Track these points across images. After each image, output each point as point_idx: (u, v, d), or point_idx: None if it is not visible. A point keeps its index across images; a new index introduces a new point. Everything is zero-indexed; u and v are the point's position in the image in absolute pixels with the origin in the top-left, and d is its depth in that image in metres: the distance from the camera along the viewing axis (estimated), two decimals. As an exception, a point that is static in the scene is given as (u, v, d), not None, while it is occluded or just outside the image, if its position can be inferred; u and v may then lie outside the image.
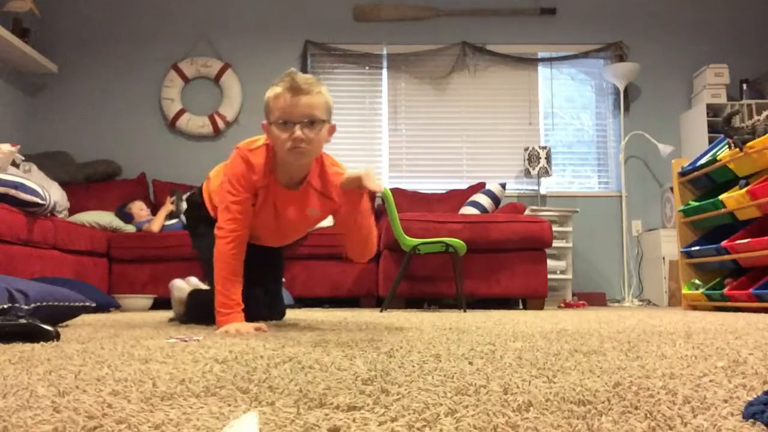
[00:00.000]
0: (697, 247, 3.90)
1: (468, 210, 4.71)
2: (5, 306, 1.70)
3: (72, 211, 4.57)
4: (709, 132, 5.20)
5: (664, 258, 5.10)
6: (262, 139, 1.97)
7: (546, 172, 5.29)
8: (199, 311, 2.23)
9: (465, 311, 3.64)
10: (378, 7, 5.59)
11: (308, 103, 1.79)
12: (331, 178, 2.01)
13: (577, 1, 5.68)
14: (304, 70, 5.52)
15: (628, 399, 0.73)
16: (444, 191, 5.20)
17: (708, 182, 3.98)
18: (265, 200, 1.99)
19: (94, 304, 2.18)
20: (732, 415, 0.64)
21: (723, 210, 3.65)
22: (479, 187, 5.11)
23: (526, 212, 4.76)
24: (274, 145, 1.87)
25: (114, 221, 4.57)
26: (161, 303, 4.27)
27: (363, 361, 1.09)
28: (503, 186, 4.95)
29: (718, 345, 1.41)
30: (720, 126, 3.86)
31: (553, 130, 5.69)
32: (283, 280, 4.30)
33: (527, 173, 5.34)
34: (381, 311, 3.59)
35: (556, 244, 4.81)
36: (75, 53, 5.49)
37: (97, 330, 1.94)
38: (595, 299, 5.23)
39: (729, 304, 3.57)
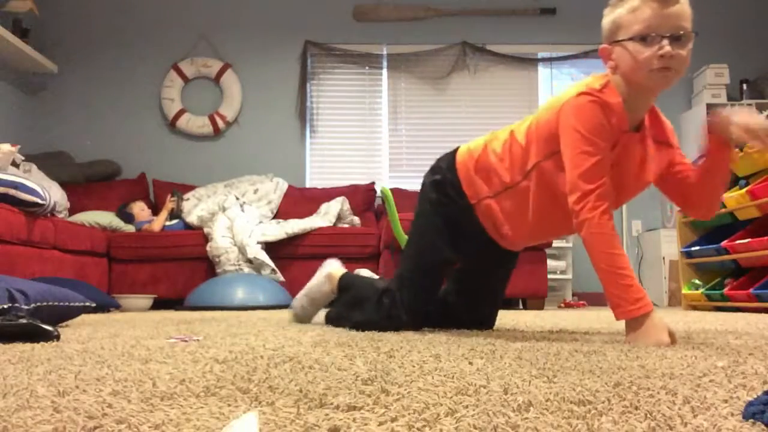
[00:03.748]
0: (697, 247, 3.90)
1: (468, 210, 4.70)
2: (5, 306, 1.70)
3: (72, 211, 4.57)
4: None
5: (664, 258, 5.10)
6: (591, 78, 1.62)
7: (546, 172, 5.28)
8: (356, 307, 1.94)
9: (465, 311, 3.63)
10: (378, 7, 5.58)
11: (679, 13, 1.50)
12: (662, 116, 1.65)
13: (577, 1, 5.67)
14: (304, 70, 5.53)
15: (628, 399, 0.73)
16: (444, 191, 5.19)
17: (708, 182, 3.98)
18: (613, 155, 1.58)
19: (94, 304, 2.18)
20: (732, 415, 0.64)
21: (723, 210, 3.64)
22: (479, 187, 5.10)
23: (526, 212, 4.76)
24: (629, 69, 1.53)
25: (114, 221, 4.57)
26: (161, 303, 4.27)
27: (363, 361, 1.09)
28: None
29: (718, 345, 1.41)
30: (720, 126, 3.85)
31: (553, 130, 5.69)
32: (283, 279, 4.31)
33: (527, 173, 5.34)
34: (381, 311, 3.59)
35: (556, 244, 4.81)
36: (75, 53, 5.49)
37: (97, 330, 1.94)
38: (595, 299, 5.23)
39: (729, 304, 3.57)
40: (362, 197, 5.04)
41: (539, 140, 1.65)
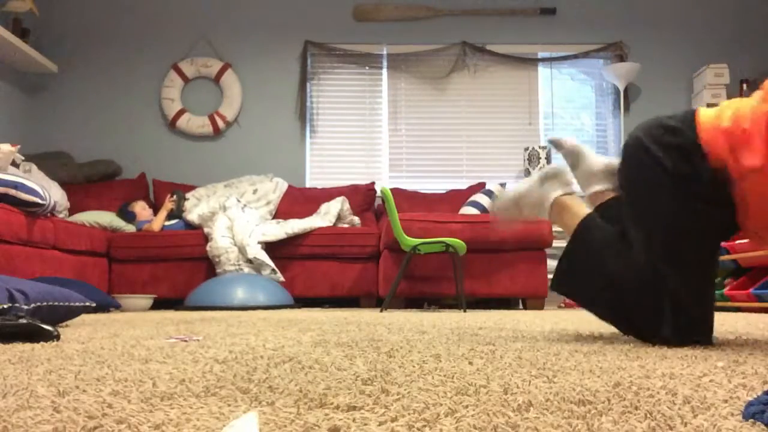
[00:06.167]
0: (697, 247, 3.90)
1: (468, 210, 4.71)
2: (5, 306, 1.70)
3: (72, 211, 4.58)
4: (709, 132, 5.20)
5: (664, 258, 5.09)
6: None
7: (546, 172, 5.29)
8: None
9: (465, 311, 3.64)
10: (378, 7, 5.59)
11: None
12: None
13: (577, 1, 5.68)
14: (304, 70, 5.53)
15: (628, 399, 0.73)
16: (444, 191, 5.20)
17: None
18: None
19: (94, 304, 2.18)
20: (732, 415, 0.64)
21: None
22: (479, 187, 5.11)
23: (526, 212, 4.76)
24: None
25: (114, 221, 4.57)
26: (161, 303, 4.28)
27: (363, 361, 1.09)
28: (503, 186, 4.95)
29: (718, 345, 1.41)
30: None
31: (553, 130, 5.69)
32: (283, 279, 4.31)
33: (527, 173, 5.34)
34: (381, 311, 3.59)
35: (556, 243, 4.80)
36: (75, 53, 5.49)
37: (97, 330, 1.94)
38: (595, 299, 5.22)
39: (729, 304, 3.57)
40: (362, 197, 5.04)
41: None
